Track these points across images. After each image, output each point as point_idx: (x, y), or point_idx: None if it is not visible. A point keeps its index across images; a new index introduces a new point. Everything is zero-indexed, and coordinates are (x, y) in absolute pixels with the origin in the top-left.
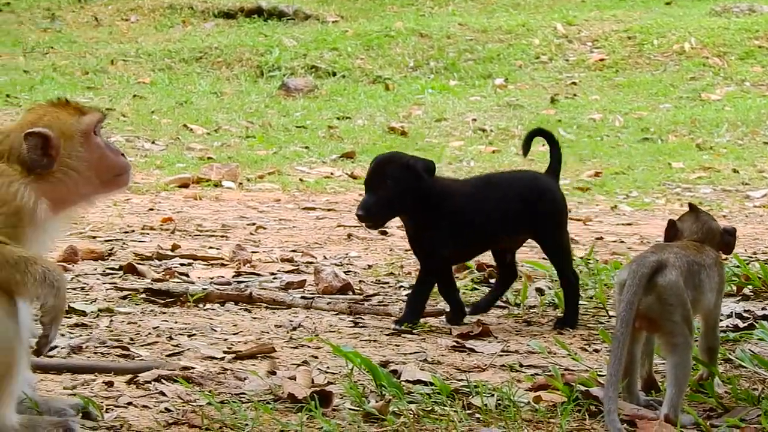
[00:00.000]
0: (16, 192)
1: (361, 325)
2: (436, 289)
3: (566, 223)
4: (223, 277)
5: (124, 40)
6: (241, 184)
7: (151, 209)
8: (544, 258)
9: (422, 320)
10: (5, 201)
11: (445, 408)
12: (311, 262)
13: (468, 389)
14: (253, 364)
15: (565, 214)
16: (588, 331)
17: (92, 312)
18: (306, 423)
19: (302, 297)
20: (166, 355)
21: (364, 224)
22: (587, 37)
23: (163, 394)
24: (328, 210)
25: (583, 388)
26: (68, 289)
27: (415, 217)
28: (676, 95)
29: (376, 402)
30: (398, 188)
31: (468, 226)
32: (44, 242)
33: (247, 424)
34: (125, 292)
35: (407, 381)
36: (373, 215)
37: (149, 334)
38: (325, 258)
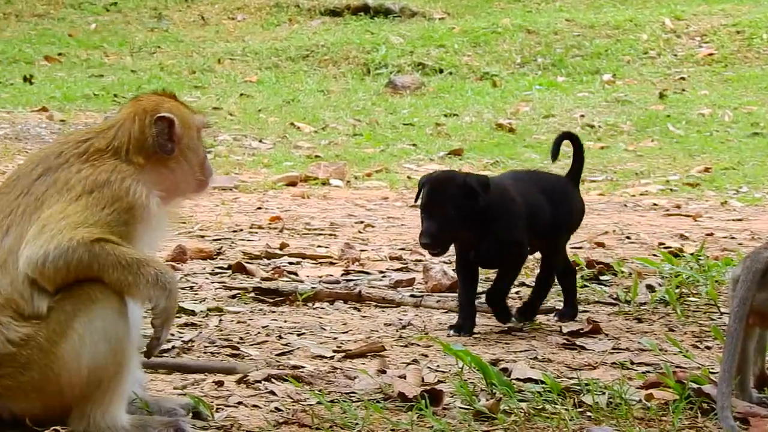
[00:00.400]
0: (129, 188)
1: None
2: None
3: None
4: (331, 275)
5: (230, 38)
6: (348, 182)
7: (259, 208)
8: (653, 255)
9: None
10: (119, 197)
11: (556, 406)
12: (420, 261)
13: (579, 387)
14: (363, 363)
15: (576, 221)
16: (700, 328)
17: (201, 311)
18: (416, 422)
19: (411, 295)
20: (276, 355)
21: (428, 252)
22: (695, 32)
23: (273, 393)
24: None
25: (695, 386)
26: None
27: (476, 228)
28: None
29: (487, 400)
30: (460, 211)
31: (528, 215)
32: (155, 239)
33: (357, 423)
34: (234, 292)
35: (518, 379)
36: (439, 242)
37: (258, 333)
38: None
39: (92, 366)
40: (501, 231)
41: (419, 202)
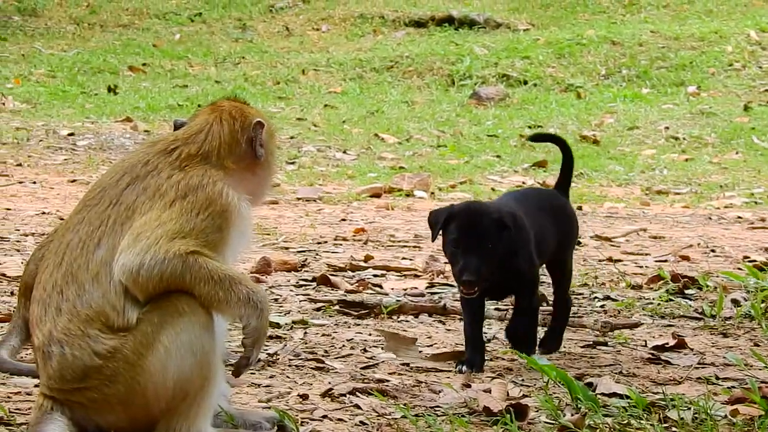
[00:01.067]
0: (221, 191)
1: None
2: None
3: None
4: (416, 288)
5: (315, 49)
6: (433, 193)
7: (344, 219)
8: (738, 268)
9: (617, 332)
10: (212, 200)
11: (642, 422)
12: None
13: (664, 402)
14: (448, 377)
15: (576, 234)
16: None
17: (286, 324)
18: None
19: (496, 309)
20: (360, 368)
21: (466, 290)
22: None
23: (358, 407)
24: None
25: None
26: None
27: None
28: None
29: (572, 415)
30: (495, 245)
31: (536, 240)
32: (244, 244)
33: None
34: (319, 304)
35: (602, 394)
36: (481, 279)
37: (343, 346)
38: None
39: (178, 379)
40: (517, 259)
41: (450, 237)
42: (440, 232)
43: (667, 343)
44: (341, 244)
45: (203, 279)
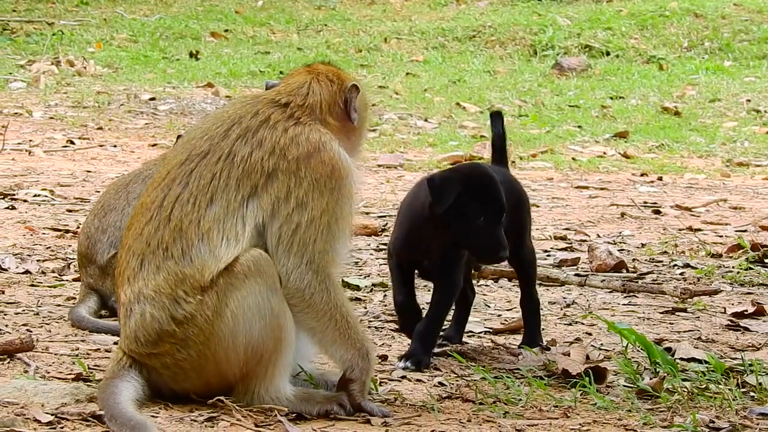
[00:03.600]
0: (339, 153)
1: (634, 303)
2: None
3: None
4: None
5: (397, 18)
6: (513, 162)
7: None
8: None
9: (696, 299)
10: (334, 165)
11: (720, 386)
12: (584, 240)
13: (743, 368)
14: (516, 340)
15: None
16: None
17: (366, 287)
18: (579, 399)
19: (576, 274)
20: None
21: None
22: None
23: (437, 368)
24: (601, 189)
25: None
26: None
27: None
28: None
29: (650, 379)
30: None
31: None
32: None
33: (520, 399)
34: None
35: (681, 359)
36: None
37: (422, 308)
38: (599, 236)
39: (249, 343)
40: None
41: (475, 207)
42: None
43: (747, 310)
44: None
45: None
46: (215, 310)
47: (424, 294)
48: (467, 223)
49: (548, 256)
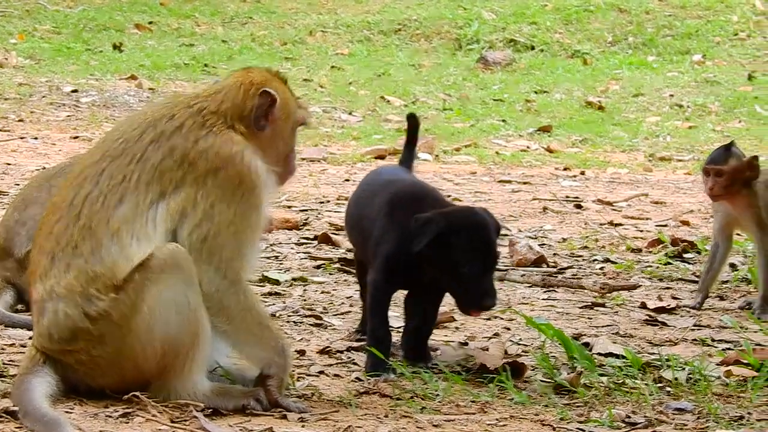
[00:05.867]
0: (249, 164)
1: (554, 297)
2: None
3: None
4: None
5: (323, 11)
6: (437, 156)
7: (347, 180)
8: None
9: (615, 294)
10: (243, 176)
11: (636, 381)
12: (506, 235)
13: (660, 363)
14: (446, 335)
15: None
16: None
17: (286, 281)
18: (497, 394)
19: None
20: (359, 325)
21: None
22: None
23: (355, 363)
24: (524, 183)
25: None
26: (263, 258)
27: None
28: None
29: (568, 374)
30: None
31: None
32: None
33: (438, 395)
34: (319, 262)
35: (599, 354)
36: None
37: (342, 303)
38: (520, 231)
39: (166, 337)
40: None
41: (466, 254)
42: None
43: (668, 305)
44: (343, 204)
45: (244, 309)
46: (132, 305)
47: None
48: (450, 268)
49: None
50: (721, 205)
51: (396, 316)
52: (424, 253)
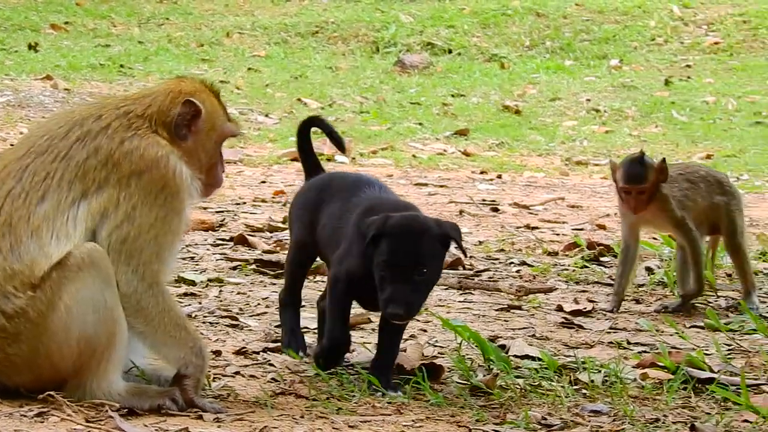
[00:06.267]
0: (174, 169)
1: (470, 300)
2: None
3: None
4: None
5: (240, 12)
6: (354, 158)
7: (263, 182)
8: (653, 238)
9: (531, 296)
10: (167, 181)
11: (552, 383)
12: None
13: (575, 365)
14: (362, 336)
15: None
16: (696, 310)
17: (202, 282)
18: (414, 395)
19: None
20: (275, 326)
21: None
22: (703, 20)
23: (271, 364)
24: (440, 186)
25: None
26: (179, 259)
27: None
28: None
29: (484, 376)
30: (438, 268)
31: None
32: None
33: (354, 395)
34: (235, 263)
35: (515, 356)
36: (413, 314)
37: (258, 304)
38: None
39: (82, 336)
40: None
41: (380, 258)
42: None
43: (582, 308)
44: (260, 206)
45: (160, 312)
46: (48, 303)
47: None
48: (376, 271)
49: None
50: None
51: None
52: (368, 255)
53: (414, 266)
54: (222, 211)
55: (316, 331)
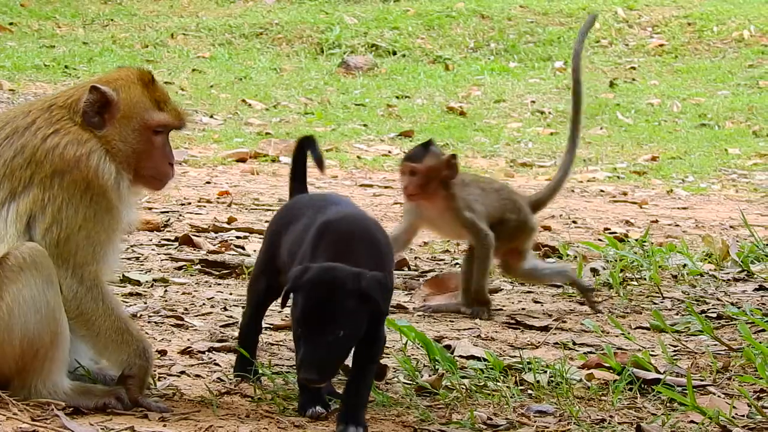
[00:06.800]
0: (96, 167)
1: (415, 301)
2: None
3: None
4: None
5: (184, 14)
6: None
7: (208, 182)
8: (599, 239)
9: None
10: (89, 181)
11: (498, 383)
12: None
13: (521, 365)
14: None
15: None
16: (642, 312)
17: (147, 282)
18: None
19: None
20: (220, 326)
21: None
22: (647, 23)
23: (216, 363)
24: (385, 187)
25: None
26: (123, 259)
27: None
28: (734, 82)
29: (430, 376)
30: (357, 326)
31: None
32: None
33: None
34: (180, 263)
35: (461, 356)
36: (329, 377)
37: (203, 304)
38: None
39: (24, 336)
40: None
41: (294, 316)
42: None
43: (525, 309)
44: (205, 206)
45: (101, 315)
46: None
47: None
48: (293, 325)
49: None
50: (418, 206)
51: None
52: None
53: (327, 327)
54: (167, 212)
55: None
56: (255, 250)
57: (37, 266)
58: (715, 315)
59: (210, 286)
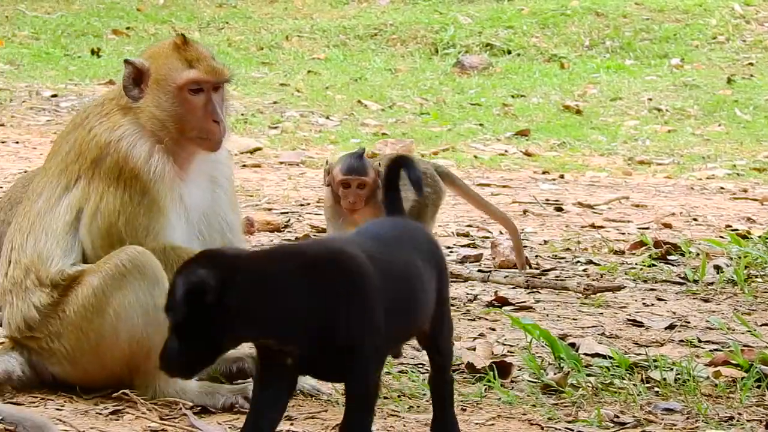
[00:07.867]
0: (126, 153)
1: (538, 299)
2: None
3: None
4: None
5: (299, 16)
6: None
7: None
8: (720, 236)
9: (599, 295)
10: (121, 168)
11: (624, 381)
12: (487, 237)
13: (647, 363)
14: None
15: None
16: None
17: None
18: (485, 393)
19: (479, 270)
20: None
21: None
22: (765, 18)
23: None
24: (503, 187)
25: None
26: None
27: None
28: None
29: (555, 374)
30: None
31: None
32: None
33: (425, 394)
34: None
35: (585, 354)
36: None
37: None
38: (501, 233)
39: (132, 339)
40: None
41: None
42: None
43: (648, 306)
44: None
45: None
46: (93, 309)
47: None
48: None
49: (451, 252)
50: (347, 218)
51: None
52: None
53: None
54: (287, 212)
55: None
56: None
57: (140, 269)
58: None
59: None
